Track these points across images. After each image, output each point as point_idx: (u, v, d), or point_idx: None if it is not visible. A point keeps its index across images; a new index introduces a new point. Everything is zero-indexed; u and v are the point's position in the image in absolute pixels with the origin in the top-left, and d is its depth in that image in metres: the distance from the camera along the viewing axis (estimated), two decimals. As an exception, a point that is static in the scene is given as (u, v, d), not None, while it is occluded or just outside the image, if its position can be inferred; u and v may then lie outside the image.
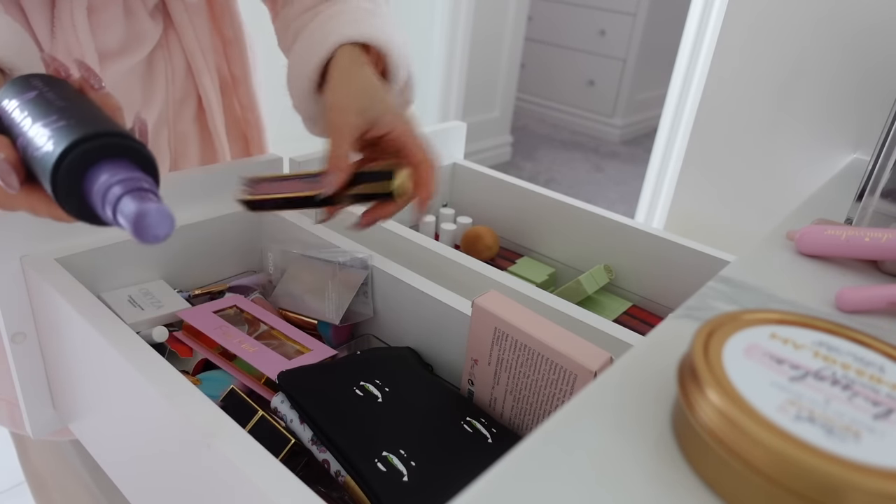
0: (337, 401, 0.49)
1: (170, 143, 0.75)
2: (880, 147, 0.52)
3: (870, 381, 0.29)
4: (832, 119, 0.85)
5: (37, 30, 0.61)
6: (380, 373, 0.54)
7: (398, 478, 0.43)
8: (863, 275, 0.47)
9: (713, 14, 1.04)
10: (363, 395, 0.50)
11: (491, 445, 0.50)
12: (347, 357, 0.58)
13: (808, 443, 0.25)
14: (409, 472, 0.44)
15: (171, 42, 0.72)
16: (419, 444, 0.47)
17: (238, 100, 0.80)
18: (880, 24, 0.79)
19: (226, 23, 0.75)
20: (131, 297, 0.62)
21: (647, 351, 0.37)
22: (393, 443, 0.46)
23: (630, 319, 0.77)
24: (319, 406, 0.48)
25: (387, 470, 0.44)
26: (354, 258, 0.64)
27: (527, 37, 3.22)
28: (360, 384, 0.51)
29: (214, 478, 0.42)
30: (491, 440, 0.50)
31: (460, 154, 0.98)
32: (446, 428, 0.51)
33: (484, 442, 0.50)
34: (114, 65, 0.66)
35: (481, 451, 0.49)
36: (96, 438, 0.62)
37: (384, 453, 0.45)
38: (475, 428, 0.51)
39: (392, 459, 0.44)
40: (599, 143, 3.62)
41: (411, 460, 0.45)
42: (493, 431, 0.51)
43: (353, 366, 0.54)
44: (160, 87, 0.72)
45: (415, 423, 0.50)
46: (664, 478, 0.27)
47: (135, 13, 0.67)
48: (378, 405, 0.50)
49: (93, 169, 0.32)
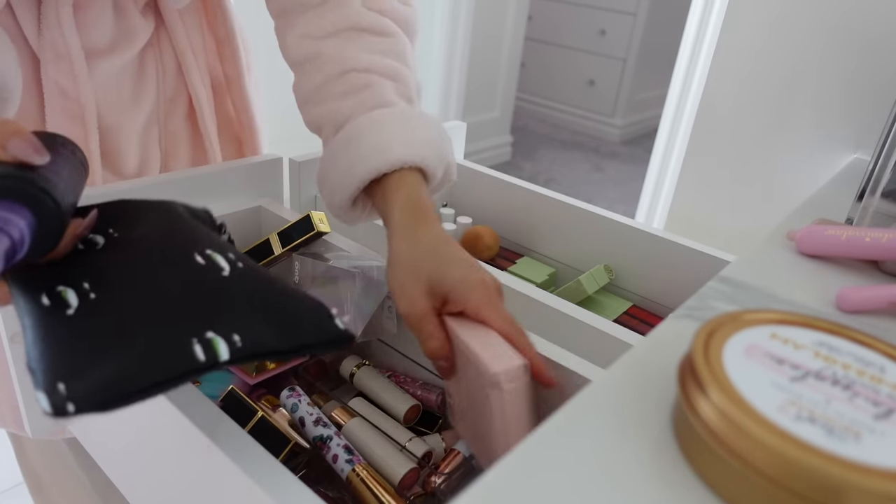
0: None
1: (160, 142, 0.75)
2: (881, 147, 0.52)
3: (870, 381, 0.29)
4: (832, 119, 0.85)
5: (24, 27, 0.61)
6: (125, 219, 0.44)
7: (61, 311, 0.35)
8: (863, 275, 0.47)
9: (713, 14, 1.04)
10: (83, 246, 0.41)
11: (225, 280, 0.39)
12: None
13: (808, 443, 0.25)
14: (80, 304, 0.36)
15: (163, 41, 0.72)
16: (120, 273, 0.38)
17: (231, 101, 0.80)
18: (880, 24, 0.79)
19: (218, 22, 0.75)
20: None
21: (648, 351, 0.37)
22: (79, 276, 0.38)
23: (630, 319, 0.76)
24: None
25: (51, 304, 0.36)
26: (381, 269, 0.60)
27: (527, 36, 3.22)
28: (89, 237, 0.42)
29: (214, 478, 0.42)
30: (228, 273, 0.40)
31: (460, 154, 0.98)
32: (167, 256, 0.40)
33: (215, 274, 0.39)
34: (103, 62, 0.66)
35: (206, 285, 0.39)
36: (95, 438, 0.62)
37: (59, 288, 0.37)
38: (211, 259, 0.40)
39: (66, 294, 0.36)
40: (599, 143, 3.62)
41: (93, 292, 0.37)
42: (235, 265, 0.41)
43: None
44: (151, 86, 0.72)
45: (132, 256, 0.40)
46: (664, 478, 0.27)
47: (124, 10, 0.67)
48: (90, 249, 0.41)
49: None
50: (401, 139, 0.54)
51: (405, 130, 0.55)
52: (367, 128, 0.55)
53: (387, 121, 0.55)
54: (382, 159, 0.53)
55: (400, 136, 0.54)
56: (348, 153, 0.55)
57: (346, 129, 0.56)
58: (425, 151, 0.55)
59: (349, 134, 0.56)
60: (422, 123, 0.57)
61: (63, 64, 0.62)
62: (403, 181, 0.54)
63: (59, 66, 0.62)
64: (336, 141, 0.57)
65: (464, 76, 2.57)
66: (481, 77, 2.83)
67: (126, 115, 0.69)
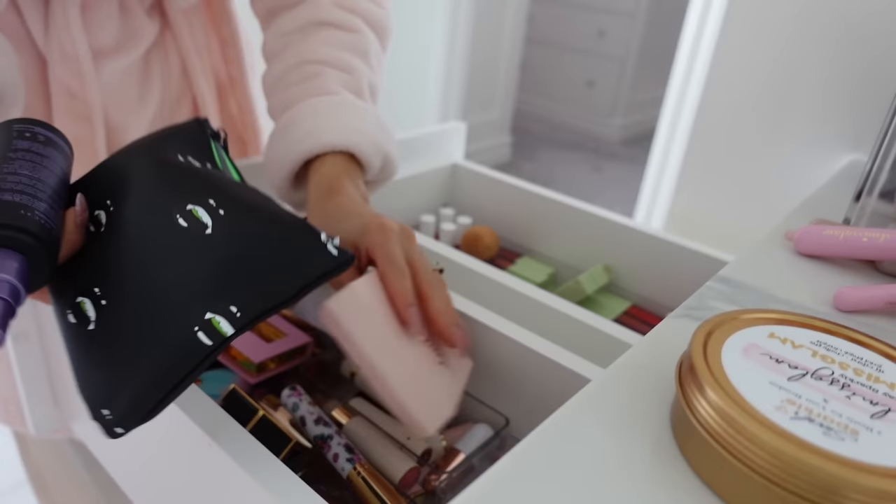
0: None
1: None
2: (878, 147, 0.52)
3: (868, 380, 0.29)
4: (830, 119, 0.85)
5: (31, 27, 0.61)
6: (115, 189, 0.41)
7: (84, 326, 0.36)
8: (861, 275, 0.48)
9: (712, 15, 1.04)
10: (94, 229, 0.40)
11: (209, 240, 0.38)
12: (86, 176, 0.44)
13: (806, 442, 0.25)
14: (97, 316, 0.36)
15: (168, 41, 0.72)
16: (117, 270, 0.37)
17: (235, 101, 0.80)
18: (879, 24, 0.79)
19: (223, 23, 0.75)
20: None
21: (647, 351, 0.37)
22: (91, 280, 0.37)
23: (630, 319, 0.77)
24: None
25: (77, 321, 0.36)
26: None
27: (527, 37, 3.22)
28: (93, 214, 0.41)
29: (215, 477, 0.42)
30: (211, 230, 0.38)
31: (460, 154, 0.98)
32: (154, 230, 0.38)
33: (200, 237, 0.38)
34: (109, 63, 0.66)
35: (194, 254, 0.37)
36: (97, 437, 0.63)
37: (78, 299, 0.37)
38: (194, 217, 0.38)
39: (84, 305, 0.36)
40: (599, 143, 3.62)
41: (104, 298, 0.36)
42: (218, 215, 0.39)
43: (84, 188, 0.42)
44: (156, 86, 0.72)
45: (124, 241, 0.38)
46: (663, 477, 0.28)
47: (130, 11, 0.67)
48: (97, 235, 0.40)
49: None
50: (333, 124, 0.56)
51: (339, 117, 0.56)
52: (304, 113, 0.57)
53: (323, 107, 0.57)
54: (313, 142, 0.55)
55: (333, 122, 0.56)
56: (285, 139, 0.57)
57: (286, 115, 0.58)
58: (357, 137, 0.56)
59: (288, 121, 0.58)
60: (359, 113, 0.58)
61: (70, 64, 0.62)
62: (326, 162, 0.55)
63: (67, 67, 0.63)
64: (277, 128, 0.59)
65: (464, 76, 2.57)
66: (481, 77, 2.83)
67: (132, 115, 0.70)
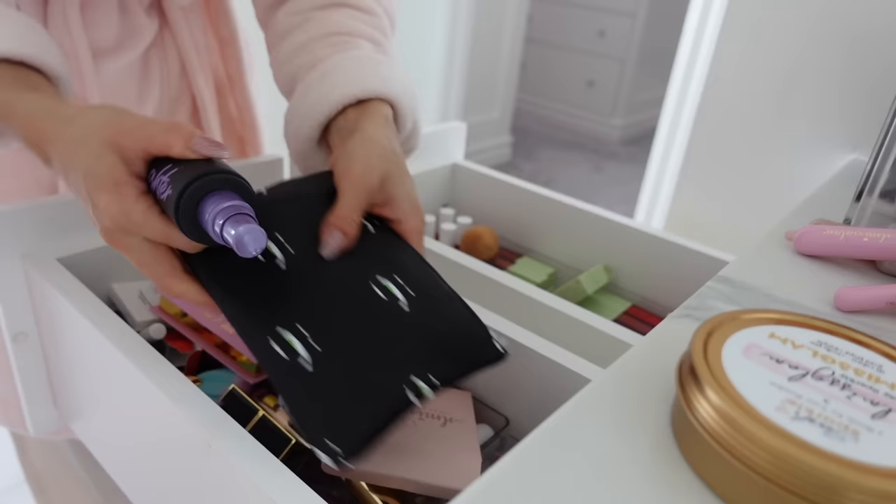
0: (234, 267, 0.43)
1: None
2: (879, 147, 0.52)
3: (868, 380, 0.29)
4: (831, 119, 0.85)
5: None
6: (285, 223, 0.46)
7: (300, 367, 0.39)
8: (861, 275, 0.48)
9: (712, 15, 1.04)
10: (265, 260, 0.44)
11: (408, 315, 0.44)
12: None
13: (806, 442, 0.25)
14: (313, 360, 0.40)
15: (167, 40, 0.72)
16: (320, 317, 0.42)
17: (234, 100, 0.80)
18: (879, 25, 0.79)
19: (222, 22, 0.75)
20: (141, 293, 0.62)
21: (647, 351, 0.37)
22: (290, 316, 0.41)
23: (630, 319, 0.77)
24: (215, 273, 0.43)
25: (286, 354, 0.40)
26: None
27: (527, 37, 3.22)
28: None
29: (215, 477, 0.42)
30: (408, 307, 0.44)
31: (460, 154, 0.98)
32: (354, 294, 0.44)
33: (397, 310, 0.44)
34: (108, 62, 0.66)
35: (397, 324, 0.43)
36: (97, 437, 0.63)
37: (278, 328, 0.40)
38: (389, 292, 0.45)
39: (288, 337, 0.40)
40: (599, 143, 3.62)
41: (314, 341, 0.40)
42: (409, 294, 0.45)
43: None
44: (155, 85, 0.72)
45: (316, 290, 0.44)
46: (663, 477, 0.28)
47: (129, 10, 0.67)
48: (279, 272, 0.44)
49: (202, 202, 0.40)
50: (376, 74, 0.56)
51: (379, 69, 0.56)
52: (343, 63, 0.56)
53: (364, 59, 0.57)
54: (357, 88, 0.54)
55: (375, 72, 0.56)
56: (322, 85, 0.56)
57: (321, 66, 0.57)
58: (399, 89, 0.56)
59: (325, 69, 0.57)
60: (397, 70, 0.58)
61: (70, 63, 0.62)
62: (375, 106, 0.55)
63: None
64: (310, 77, 0.57)
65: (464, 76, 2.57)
66: (481, 77, 2.83)
67: None
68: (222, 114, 0.79)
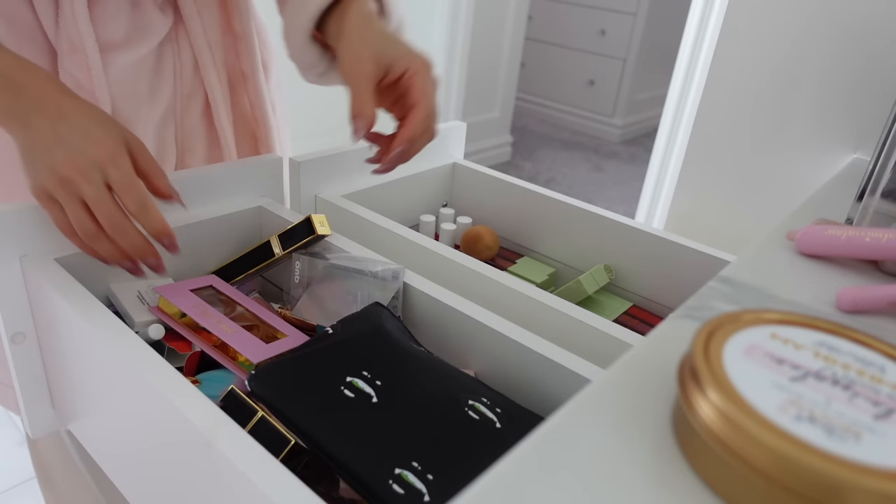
0: (327, 408, 0.44)
1: (177, 137, 0.75)
2: (881, 147, 0.52)
3: (870, 381, 0.29)
4: (832, 119, 0.85)
5: (42, 20, 0.62)
6: (363, 359, 0.48)
7: (419, 499, 0.39)
8: (863, 275, 0.47)
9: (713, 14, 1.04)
10: (354, 395, 0.45)
11: (501, 431, 0.46)
12: (318, 342, 0.51)
13: (808, 443, 0.25)
14: (428, 490, 0.39)
15: (180, 36, 0.72)
16: (429, 448, 0.43)
17: (247, 97, 0.80)
18: (880, 24, 0.79)
19: (236, 18, 0.75)
20: (140, 294, 0.62)
21: (647, 351, 0.37)
22: (402, 454, 0.42)
23: (630, 319, 0.76)
24: (311, 417, 0.43)
25: (405, 492, 0.39)
26: (386, 269, 0.60)
27: (527, 37, 3.22)
28: (348, 381, 0.46)
29: (214, 478, 0.42)
30: (499, 424, 0.46)
31: (460, 154, 0.98)
32: (450, 419, 0.45)
33: (493, 428, 0.46)
34: (118, 56, 0.66)
35: (493, 441, 0.45)
36: (96, 438, 0.62)
37: (397, 471, 0.40)
38: (480, 412, 0.46)
39: (407, 477, 0.40)
40: (599, 142, 3.62)
41: (427, 473, 0.41)
42: (497, 412, 0.47)
43: (330, 356, 0.49)
44: (168, 81, 0.72)
45: (416, 421, 0.45)
46: (664, 478, 0.27)
47: (141, 5, 0.67)
48: (373, 406, 0.45)
49: None
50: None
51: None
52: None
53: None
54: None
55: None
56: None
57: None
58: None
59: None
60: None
61: (78, 56, 0.63)
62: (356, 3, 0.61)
63: (74, 59, 0.63)
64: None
65: (464, 76, 2.57)
66: (481, 77, 2.83)
67: (142, 109, 0.70)
68: (235, 110, 0.79)
